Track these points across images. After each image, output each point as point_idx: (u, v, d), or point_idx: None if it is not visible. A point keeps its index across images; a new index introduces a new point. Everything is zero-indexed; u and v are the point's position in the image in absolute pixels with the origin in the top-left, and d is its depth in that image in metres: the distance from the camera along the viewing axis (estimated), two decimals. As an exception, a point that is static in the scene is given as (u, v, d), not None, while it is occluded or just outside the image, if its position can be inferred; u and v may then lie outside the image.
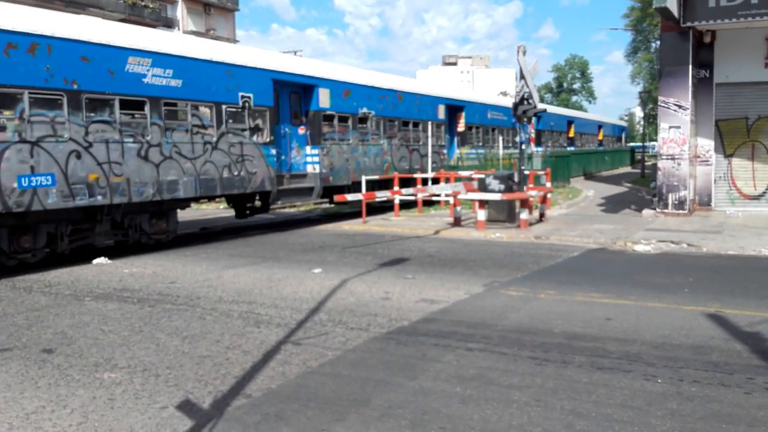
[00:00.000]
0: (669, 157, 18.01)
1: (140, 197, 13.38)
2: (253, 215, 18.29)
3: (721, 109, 18.95)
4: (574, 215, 19.58)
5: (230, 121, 15.49)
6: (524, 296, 9.16)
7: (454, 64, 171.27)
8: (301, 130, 18.26)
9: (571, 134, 46.14)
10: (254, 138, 16.22)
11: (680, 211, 17.85)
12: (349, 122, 19.79)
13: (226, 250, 14.18)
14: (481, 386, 5.68)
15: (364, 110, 20.44)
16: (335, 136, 19.13)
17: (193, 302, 9.16)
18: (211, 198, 16.47)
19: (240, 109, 15.83)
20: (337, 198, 17.65)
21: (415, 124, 23.71)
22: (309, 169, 18.34)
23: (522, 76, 16.99)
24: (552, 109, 44.33)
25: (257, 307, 8.80)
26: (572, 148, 43.41)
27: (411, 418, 5.04)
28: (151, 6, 48.89)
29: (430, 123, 24.32)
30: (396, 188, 19.61)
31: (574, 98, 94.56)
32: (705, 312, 8.11)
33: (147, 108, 13.48)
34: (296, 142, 18.11)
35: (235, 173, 15.55)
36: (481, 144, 29.03)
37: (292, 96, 18.07)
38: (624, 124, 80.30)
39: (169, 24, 52.60)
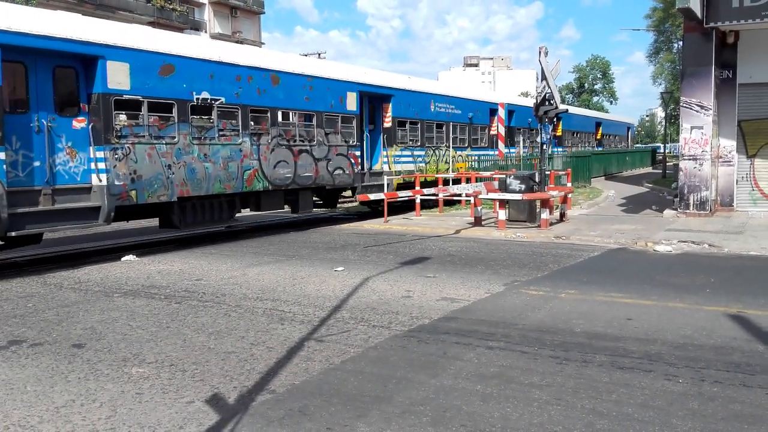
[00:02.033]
0: (691, 157, 17.89)
1: None
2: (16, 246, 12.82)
3: (744, 110, 18.77)
4: (595, 215, 19.51)
5: None
6: (545, 296, 9.19)
7: (476, 65, 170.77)
8: (79, 123, 12.63)
9: (558, 132, 38.37)
10: None
11: (702, 212, 17.72)
12: (174, 112, 14.06)
13: (250, 248, 14.34)
14: (501, 384, 5.72)
15: (205, 95, 14.74)
16: (144, 131, 13.47)
17: (218, 299, 9.30)
18: None
19: None
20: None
21: (306, 117, 17.86)
22: (95, 180, 12.76)
23: (543, 77, 17.00)
24: (524, 101, 35.84)
25: (281, 304, 8.91)
26: (560, 150, 36.10)
27: (432, 415, 5.10)
28: (179, 9, 49.45)
29: (330, 116, 18.69)
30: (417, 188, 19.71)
31: (596, 99, 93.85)
32: (727, 313, 8.09)
33: None
34: (69, 140, 12.44)
35: None
36: (419, 144, 22.97)
37: (57, 72, 12.39)
38: (632, 121, 68.24)
39: (197, 27, 53.21)
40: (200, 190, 14.65)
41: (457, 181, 22.61)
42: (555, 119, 33.53)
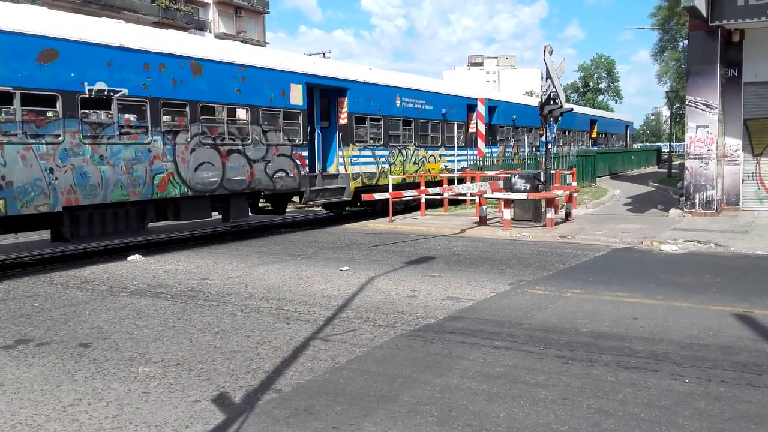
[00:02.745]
0: (696, 156, 17.85)
1: None
2: None
3: (750, 109, 18.72)
4: (601, 215, 19.48)
5: None
6: (550, 295, 9.18)
7: (480, 64, 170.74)
8: None
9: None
10: None
11: (708, 211, 17.69)
12: (58, 106, 11.95)
13: (256, 248, 14.37)
14: (507, 384, 5.72)
15: (101, 86, 12.58)
16: (15, 128, 11.37)
17: (224, 298, 9.33)
18: None
19: None
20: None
21: (238, 113, 16.09)
22: None
23: (548, 76, 16.99)
24: (507, 97, 32.15)
25: (287, 303, 8.93)
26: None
27: (438, 414, 5.11)
28: (184, 9, 49.67)
29: (270, 111, 16.35)
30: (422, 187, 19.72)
31: (600, 98, 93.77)
32: (733, 312, 8.07)
33: None
34: None
35: None
36: (382, 143, 20.47)
37: None
38: (630, 119, 61.65)
39: (201, 27, 53.41)
40: (94, 197, 12.50)
41: (461, 181, 22.58)
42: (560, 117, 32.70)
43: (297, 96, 17.12)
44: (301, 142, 17.24)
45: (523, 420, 4.97)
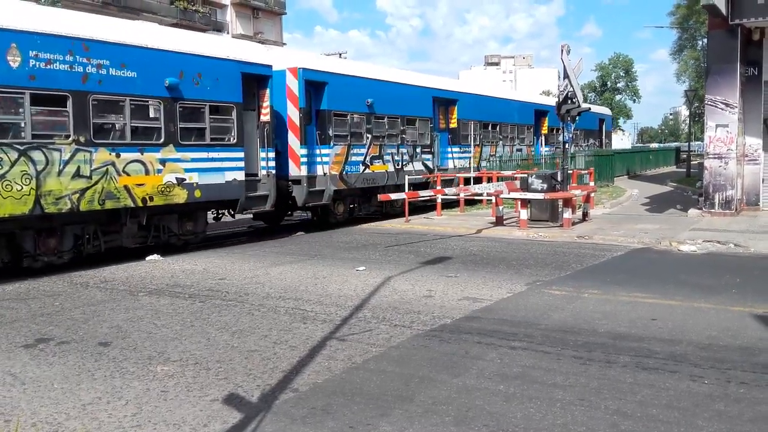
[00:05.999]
0: (716, 156, 17.69)
1: None
2: None
3: (771, 108, 18.53)
4: (618, 215, 19.36)
5: None
6: (567, 295, 9.15)
7: (497, 64, 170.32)
8: None
9: (453, 123, 24.53)
10: None
11: (727, 211, 17.53)
12: None
13: (272, 248, 14.41)
14: (524, 385, 5.71)
15: None
16: None
17: (241, 298, 9.37)
18: None
19: None
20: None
21: None
22: None
23: (566, 75, 16.92)
24: (345, 68, 19.97)
25: (303, 303, 8.96)
26: (454, 151, 24.22)
27: (455, 414, 5.11)
28: (202, 11, 50.05)
29: None
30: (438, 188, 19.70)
31: (618, 97, 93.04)
32: (753, 313, 7.99)
33: None
34: None
35: None
36: (22, 139, 11.02)
37: None
38: (607, 112, 46.61)
39: (219, 28, 53.78)
40: None
41: (478, 180, 22.51)
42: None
43: None
44: None
45: (540, 421, 4.96)
